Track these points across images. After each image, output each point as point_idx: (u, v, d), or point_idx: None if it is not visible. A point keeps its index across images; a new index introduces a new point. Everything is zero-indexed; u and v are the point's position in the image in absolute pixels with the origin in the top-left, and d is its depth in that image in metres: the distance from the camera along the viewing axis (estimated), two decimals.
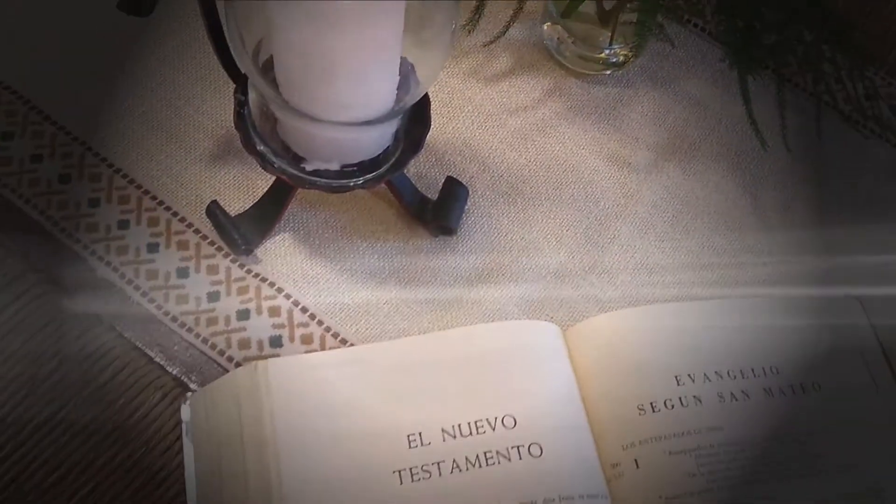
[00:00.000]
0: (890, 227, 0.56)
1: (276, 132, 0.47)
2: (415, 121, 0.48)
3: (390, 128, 0.47)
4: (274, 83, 0.44)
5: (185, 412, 0.45)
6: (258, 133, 0.47)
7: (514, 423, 0.43)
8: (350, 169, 0.47)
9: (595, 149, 0.58)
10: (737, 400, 0.45)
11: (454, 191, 0.53)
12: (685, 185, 0.57)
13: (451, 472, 0.42)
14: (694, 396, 0.45)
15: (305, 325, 0.50)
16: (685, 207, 0.56)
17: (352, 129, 0.44)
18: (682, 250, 0.54)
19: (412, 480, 0.41)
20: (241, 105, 0.47)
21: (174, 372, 0.47)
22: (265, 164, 0.47)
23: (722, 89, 0.61)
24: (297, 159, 0.47)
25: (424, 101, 0.48)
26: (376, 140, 0.47)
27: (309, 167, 0.47)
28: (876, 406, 0.47)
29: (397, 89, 0.44)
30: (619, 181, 0.57)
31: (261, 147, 0.47)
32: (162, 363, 0.48)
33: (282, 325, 0.49)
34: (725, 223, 0.56)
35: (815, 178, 0.58)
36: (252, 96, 0.47)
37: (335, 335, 0.49)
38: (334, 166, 0.46)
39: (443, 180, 0.53)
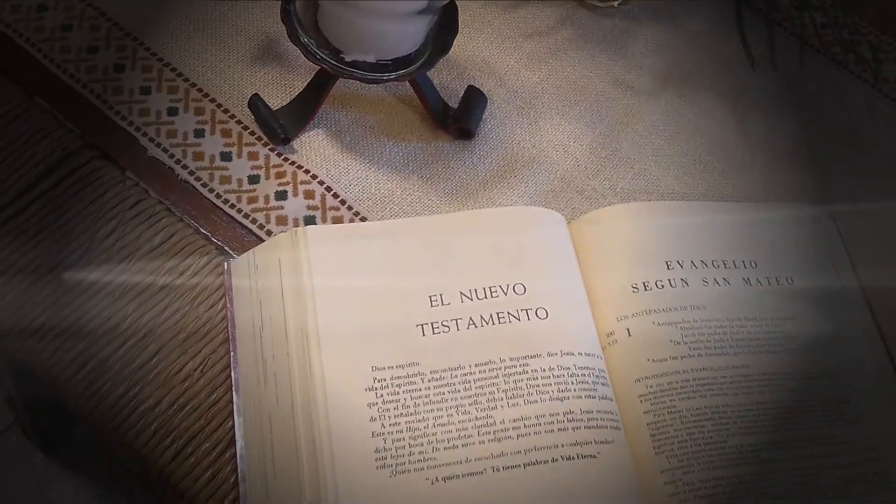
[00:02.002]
0: (860, 153, 0.62)
1: (318, 28, 0.52)
2: (443, 27, 0.54)
3: (422, 27, 0.52)
4: None
5: (230, 271, 0.50)
6: (302, 27, 0.52)
7: (524, 290, 0.49)
8: (384, 63, 0.52)
9: (602, 73, 0.63)
10: (718, 285, 0.51)
11: (474, 97, 0.58)
12: (681, 108, 0.63)
13: (468, 327, 0.47)
14: (681, 279, 0.51)
15: (336, 208, 0.55)
16: (680, 128, 0.62)
17: (390, 18, 0.49)
18: (676, 165, 0.60)
19: (433, 333, 0.47)
20: (287, 2, 0.52)
21: (217, 241, 0.53)
22: (308, 53, 0.52)
23: (717, 27, 0.67)
24: (336, 52, 0.52)
25: (453, 9, 0.53)
26: (409, 37, 0.52)
27: (348, 58, 0.52)
28: (841, 303, 0.54)
29: None
30: (622, 102, 0.62)
31: (304, 39, 0.52)
32: (207, 234, 0.53)
33: (315, 207, 0.55)
34: (715, 143, 0.61)
35: (797, 110, 0.64)
36: None
37: (363, 219, 0.55)
38: (371, 59, 0.52)
39: (463, 92, 0.59)
